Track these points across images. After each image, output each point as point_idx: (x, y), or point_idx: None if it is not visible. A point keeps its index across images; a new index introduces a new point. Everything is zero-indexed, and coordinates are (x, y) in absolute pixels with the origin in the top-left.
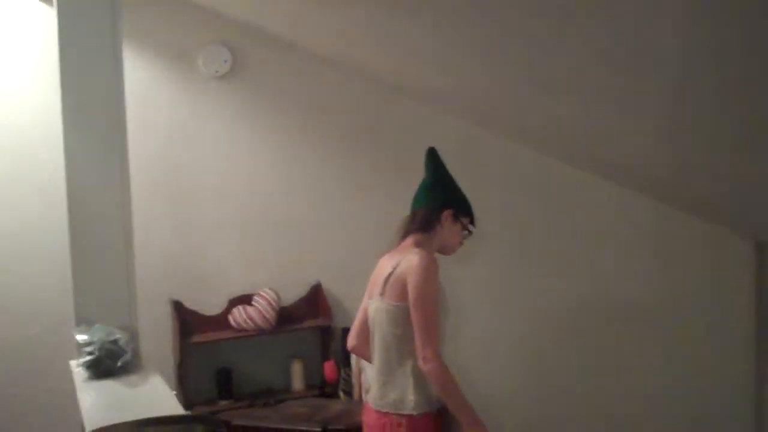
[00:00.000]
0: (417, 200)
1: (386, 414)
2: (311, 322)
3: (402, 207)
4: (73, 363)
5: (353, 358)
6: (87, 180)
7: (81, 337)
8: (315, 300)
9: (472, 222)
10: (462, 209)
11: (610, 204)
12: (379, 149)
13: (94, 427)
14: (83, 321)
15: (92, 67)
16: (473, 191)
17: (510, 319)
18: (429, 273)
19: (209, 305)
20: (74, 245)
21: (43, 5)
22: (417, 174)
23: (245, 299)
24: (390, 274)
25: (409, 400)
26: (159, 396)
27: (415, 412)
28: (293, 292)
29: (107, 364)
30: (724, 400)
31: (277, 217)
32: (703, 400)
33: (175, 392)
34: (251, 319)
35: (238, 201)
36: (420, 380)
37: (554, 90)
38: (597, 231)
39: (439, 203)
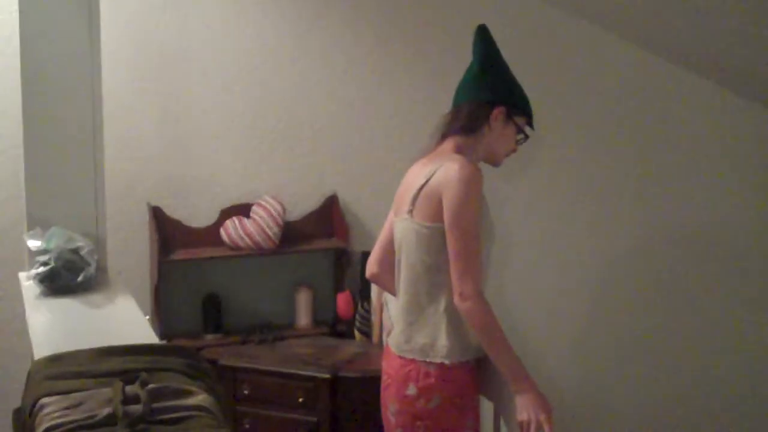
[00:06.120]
0: (461, 92)
1: (412, 361)
2: (323, 243)
3: (442, 107)
4: (22, 275)
5: (374, 289)
6: (47, 49)
7: (33, 243)
8: (329, 216)
9: (529, 123)
10: (518, 106)
11: (716, 111)
12: (415, 35)
13: (45, 354)
14: (37, 224)
15: None
16: (534, 85)
17: (570, 251)
18: (471, 187)
19: (197, 215)
20: (28, 131)
21: None
22: (463, 64)
23: (242, 210)
24: (422, 187)
25: (441, 346)
26: (128, 320)
27: (447, 361)
28: (302, 205)
29: (65, 278)
30: None
31: (286, 112)
32: None
33: (148, 317)
34: (248, 234)
35: (238, 90)
36: (455, 321)
37: None
38: (693, 145)
39: (489, 97)
